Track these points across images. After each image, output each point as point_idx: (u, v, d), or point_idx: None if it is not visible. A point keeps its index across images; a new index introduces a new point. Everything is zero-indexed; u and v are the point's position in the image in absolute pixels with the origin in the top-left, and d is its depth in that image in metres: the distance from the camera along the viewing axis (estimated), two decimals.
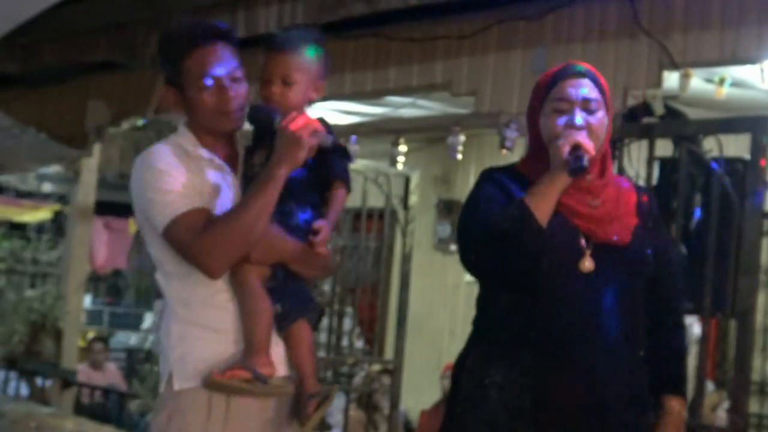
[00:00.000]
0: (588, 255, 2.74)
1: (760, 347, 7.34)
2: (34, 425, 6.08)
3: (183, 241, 2.73)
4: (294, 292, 2.90)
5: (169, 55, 2.88)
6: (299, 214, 2.86)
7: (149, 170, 2.80)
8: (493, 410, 2.76)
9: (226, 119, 2.86)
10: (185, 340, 2.81)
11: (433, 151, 9.83)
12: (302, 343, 2.91)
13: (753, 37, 4.43)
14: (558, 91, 2.80)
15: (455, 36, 5.51)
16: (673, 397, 2.91)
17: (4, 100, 8.66)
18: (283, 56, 2.90)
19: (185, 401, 2.78)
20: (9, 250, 12.94)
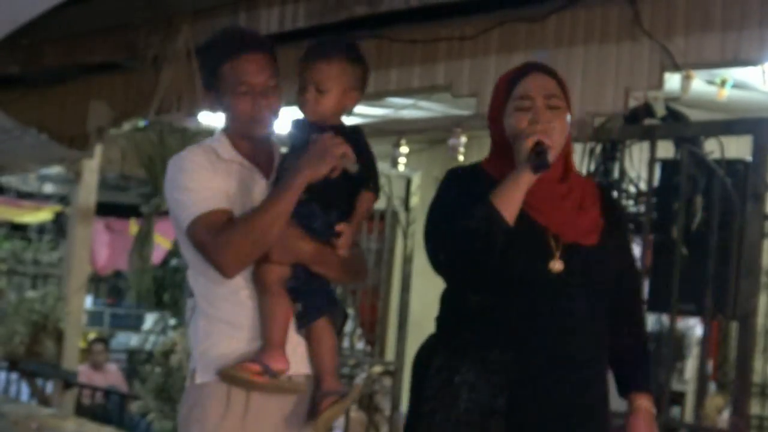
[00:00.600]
0: (557, 256, 2.76)
1: (762, 349, 7.34)
2: (34, 426, 6.08)
3: (201, 240, 2.85)
4: (315, 292, 2.97)
5: (208, 60, 3.03)
6: (322, 217, 2.93)
7: (178, 171, 2.92)
8: (464, 410, 2.76)
9: (257, 125, 2.97)
10: (209, 336, 2.93)
11: (434, 152, 9.82)
12: (322, 342, 2.98)
13: (755, 38, 4.43)
14: (520, 89, 2.82)
15: (457, 37, 5.51)
16: (640, 395, 2.94)
17: (6, 101, 8.65)
18: (316, 64, 2.99)
19: (205, 393, 2.89)
20: (10, 251, 12.95)
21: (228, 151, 2.97)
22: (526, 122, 2.78)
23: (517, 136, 2.77)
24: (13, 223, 13.76)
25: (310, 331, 2.97)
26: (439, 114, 7.43)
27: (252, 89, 2.94)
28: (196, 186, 2.87)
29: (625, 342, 2.95)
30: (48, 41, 7.52)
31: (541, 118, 2.77)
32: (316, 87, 2.98)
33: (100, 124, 7.79)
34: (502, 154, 2.87)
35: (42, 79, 8.25)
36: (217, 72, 2.96)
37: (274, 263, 2.88)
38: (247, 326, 2.91)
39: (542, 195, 2.78)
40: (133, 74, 7.17)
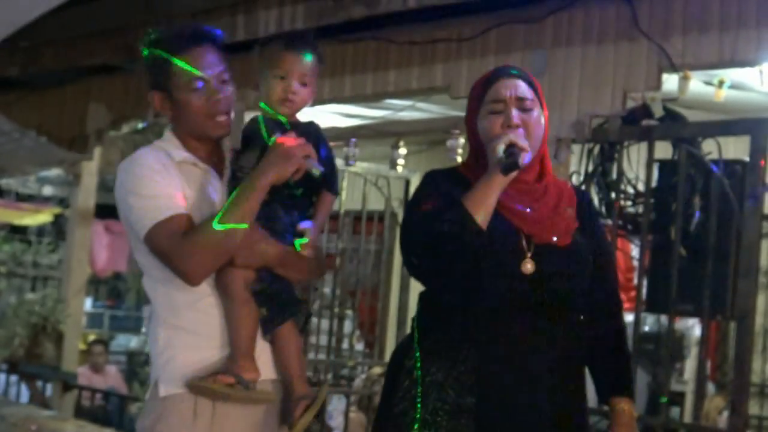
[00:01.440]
0: (529, 257, 2.75)
1: (760, 349, 7.35)
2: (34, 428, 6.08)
3: (163, 247, 2.72)
4: (280, 295, 2.90)
5: (158, 57, 2.86)
6: (286, 219, 2.88)
7: (131, 176, 2.78)
8: (432, 409, 2.76)
9: (214, 123, 2.86)
10: (171, 345, 2.80)
11: (432, 153, 9.84)
12: (290, 346, 2.92)
13: (752, 39, 4.44)
14: (492, 93, 2.83)
15: (455, 39, 5.52)
16: (621, 398, 2.92)
17: (5, 104, 8.66)
18: (304, 57, 2.94)
19: (170, 406, 2.77)
20: (10, 253, 12.95)
21: (180, 152, 2.84)
22: (499, 126, 2.79)
23: (491, 139, 2.78)
24: (13, 226, 13.76)
25: (275, 335, 2.90)
26: (437, 115, 7.44)
27: (207, 84, 2.82)
28: (151, 191, 2.73)
29: (603, 345, 2.94)
30: (47, 44, 7.53)
31: (513, 122, 2.78)
32: (300, 80, 2.92)
33: (99, 126, 7.80)
34: (478, 159, 2.88)
35: (41, 81, 8.26)
36: (167, 68, 2.82)
37: (239, 267, 2.79)
38: (212, 335, 2.80)
39: (516, 196, 2.79)
40: (131, 76, 7.18)
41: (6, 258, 12.98)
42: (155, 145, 2.89)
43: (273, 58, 2.94)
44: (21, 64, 7.87)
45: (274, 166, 2.74)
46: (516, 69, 2.90)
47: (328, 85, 6.14)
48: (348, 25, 5.74)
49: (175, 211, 2.72)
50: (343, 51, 6.03)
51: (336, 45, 6.06)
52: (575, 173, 5.02)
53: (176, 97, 2.84)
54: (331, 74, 6.10)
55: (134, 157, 2.84)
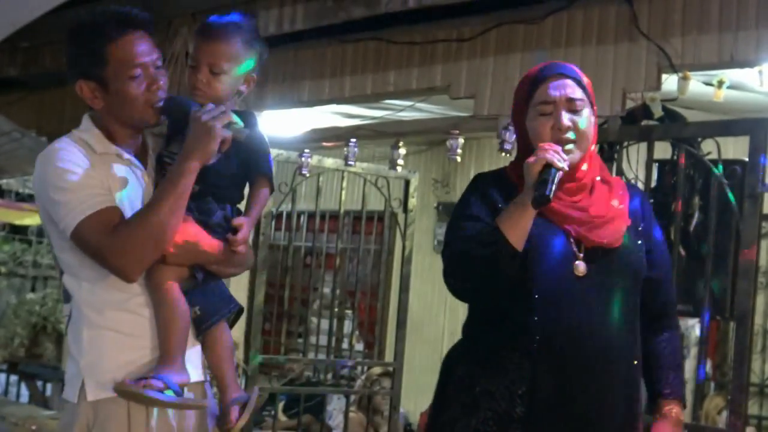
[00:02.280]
0: (580, 259, 2.71)
1: (759, 349, 7.36)
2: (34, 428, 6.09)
3: (93, 243, 2.58)
4: (213, 293, 2.80)
5: (89, 44, 2.69)
6: (219, 212, 2.75)
7: (52, 169, 2.63)
8: (483, 418, 2.73)
9: (152, 111, 2.72)
10: (97, 346, 2.67)
11: (432, 154, 9.85)
12: (222, 346, 2.83)
13: (751, 40, 4.44)
14: (541, 94, 2.78)
15: (455, 39, 5.52)
16: (671, 402, 2.90)
17: (5, 104, 8.66)
18: (212, 44, 2.79)
19: (103, 413, 2.65)
20: (10, 253, 12.95)
21: (102, 144, 2.70)
22: (549, 129, 2.74)
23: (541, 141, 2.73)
24: (13, 226, 13.76)
25: (207, 335, 2.79)
26: (437, 116, 7.43)
27: (145, 71, 2.68)
28: (76, 185, 2.58)
29: (658, 348, 2.91)
30: (47, 44, 7.53)
31: (563, 124, 2.73)
32: (210, 68, 2.76)
33: None
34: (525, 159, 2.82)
35: (41, 81, 8.26)
36: (101, 56, 2.65)
37: (171, 264, 2.67)
38: (142, 335, 2.67)
39: (563, 197, 2.76)
40: None
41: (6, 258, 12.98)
42: (73, 136, 2.73)
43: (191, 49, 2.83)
44: (21, 64, 7.87)
45: (197, 145, 2.60)
46: (564, 67, 2.85)
47: (328, 85, 6.15)
48: (348, 26, 5.74)
49: (103, 205, 2.60)
50: (343, 51, 6.03)
51: (336, 45, 6.06)
52: None
53: (112, 86, 2.68)
54: (331, 74, 6.11)
55: (53, 149, 2.68)
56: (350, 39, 5.98)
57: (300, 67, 6.31)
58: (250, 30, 2.87)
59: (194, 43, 2.82)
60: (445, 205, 9.61)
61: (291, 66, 6.38)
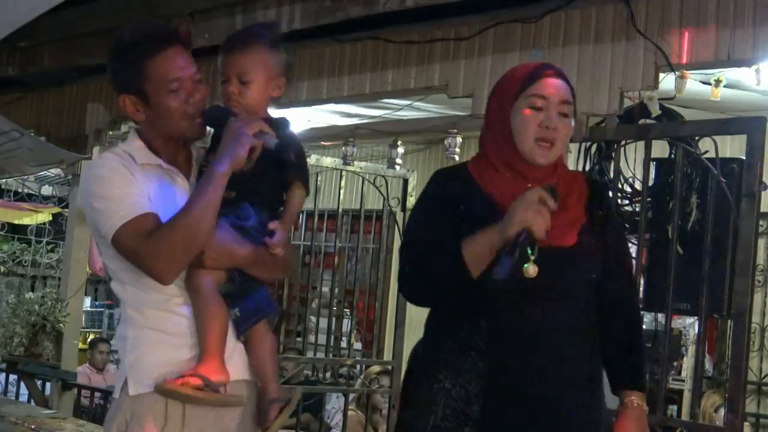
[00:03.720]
0: (532, 260, 2.68)
1: (757, 347, 7.37)
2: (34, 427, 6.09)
3: (130, 248, 2.68)
4: (252, 295, 2.86)
5: (130, 59, 2.80)
6: (254, 217, 2.82)
7: (94, 180, 2.76)
8: (441, 417, 2.76)
9: (190, 125, 2.82)
10: (140, 345, 2.78)
11: (431, 152, 9.87)
12: (263, 347, 2.90)
13: (748, 38, 4.45)
14: (538, 88, 2.78)
15: (452, 38, 5.53)
16: (632, 392, 2.91)
17: (4, 103, 8.67)
18: (237, 55, 2.88)
19: (141, 407, 2.75)
20: (9, 252, 12.96)
21: (144, 155, 2.81)
22: (536, 124, 2.76)
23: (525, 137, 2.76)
24: (12, 225, 13.77)
25: (248, 336, 2.87)
26: (435, 115, 7.45)
27: (183, 84, 2.78)
28: (115, 193, 2.70)
29: (616, 339, 2.91)
30: (46, 43, 7.53)
31: (552, 123, 2.75)
32: (238, 78, 2.86)
33: (98, 126, 7.81)
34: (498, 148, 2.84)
35: (40, 81, 8.26)
36: (141, 71, 2.77)
37: (208, 268, 2.76)
38: (182, 334, 2.77)
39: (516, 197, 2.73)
40: None
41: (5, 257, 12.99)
42: (118, 148, 2.85)
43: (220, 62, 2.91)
44: (20, 64, 7.88)
45: (226, 151, 2.68)
46: (561, 71, 2.87)
47: (327, 84, 6.16)
48: (346, 25, 5.75)
49: (140, 211, 2.69)
50: (341, 51, 6.04)
51: (334, 44, 6.07)
52: None
53: (152, 100, 2.80)
54: (329, 74, 6.12)
55: (96, 160, 2.86)
56: (348, 38, 5.99)
57: (298, 67, 6.32)
58: (271, 36, 2.95)
59: (221, 58, 2.91)
60: None
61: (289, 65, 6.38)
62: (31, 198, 13.98)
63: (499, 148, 2.84)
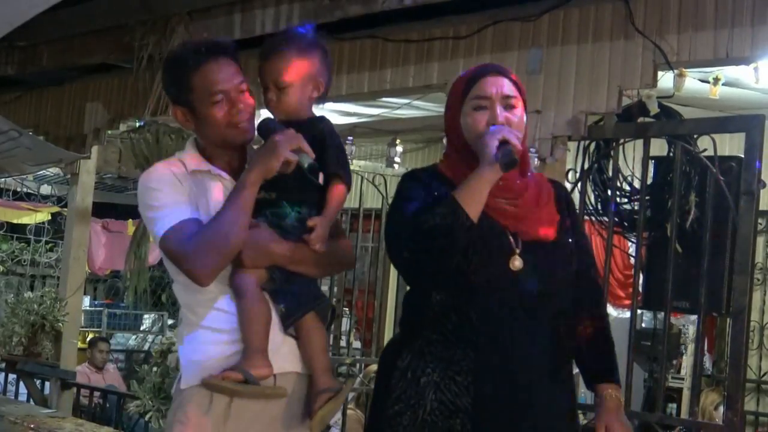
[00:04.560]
0: (517, 254, 2.78)
1: (756, 345, 7.38)
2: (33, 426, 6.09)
3: (171, 252, 2.84)
4: (296, 291, 2.93)
5: (176, 74, 2.96)
6: (293, 214, 2.90)
7: (144, 190, 2.92)
8: (430, 410, 2.78)
9: (237, 132, 2.93)
10: (190, 342, 2.94)
11: (429, 151, 9.86)
12: (311, 339, 2.96)
13: (747, 37, 4.46)
14: (477, 89, 2.85)
15: (451, 37, 5.53)
16: (607, 385, 2.97)
17: (3, 103, 8.67)
18: (271, 62, 2.96)
19: (187, 396, 2.89)
20: (8, 252, 12.97)
21: (196, 162, 2.95)
22: (484, 123, 2.81)
23: (477, 135, 2.80)
24: (11, 224, 13.77)
25: (298, 329, 2.94)
26: (434, 113, 7.44)
27: (226, 96, 2.90)
28: (162, 202, 2.86)
29: (587, 334, 2.98)
30: (44, 43, 7.53)
31: (498, 119, 2.80)
32: (275, 85, 2.96)
33: (96, 125, 7.81)
34: (458, 156, 2.91)
35: (39, 80, 8.27)
36: (187, 84, 2.92)
37: (248, 267, 2.86)
38: (226, 330, 2.88)
39: (499, 193, 2.81)
40: (129, 75, 7.18)
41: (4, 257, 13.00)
42: (173, 158, 3.01)
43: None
44: (18, 63, 7.88)
45: (260, 160, 2.82)
46: (499, 67, 2.94)
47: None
48: (344, 24, 5.75)
49: (183, 217, 2.83)
50: (339, 49, 6.04)
51: (332, 43, 6.07)
52: (571, 170, 5.03)
53: (198, 111, 2.93)
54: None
55: (149, 171, 2.97)
56: (347, 37, 5.99)
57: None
58: (303, 38, 3.03)
59: (259, 67, 3.00)
60: None
61: None
62: (30, 197, 13.99)
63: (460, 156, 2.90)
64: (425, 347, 2.84)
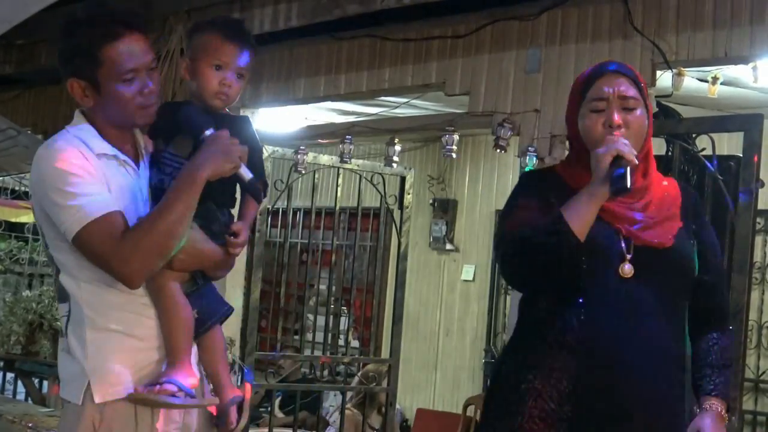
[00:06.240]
0: (627, 260, 2.68)
1: (755, 345, 7.37)
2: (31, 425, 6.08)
3: (98, 249, 2.53)
4: (209, 295, 2.80)
5: (84, 43, 2.63)
6: (222, 218, 2.76)
7: (52, 170, 2.56)
8: (529, 417, 2.71)
9: (143, 113, 2.67)
10: (103, 348, 2.63)
11: (428, 150, 9.86)
12: (216, 346, 2.84)
13: (745, 36, 4.46)
14: (594, 91, 2.77)
15: (450, 36, 5.53)
16: (714, 399, 2.84)
17: (1, 101, 8.67)
18: (239, 46, 2.79)
19: (110, 414, 2.61)
20: (6, 250, 12.94)
21: (99, 144, 2.63)
22: (600, 125, 2.73)
23: (594, 141, 2.72)
24: (9, 223, 13.75)
25: (203, 337, 2.79)
26: (432, 112, 7.45)
27: (137, 74, 2.61)
28: (79, 189, 2.52)
29: (704, 347, 2.88)
30: (43, 41, 7.54)
31: (614, 121, 2.71)
32: (237, 72, 2.78)
33: None
34: (577, 159, 2.83)
35: (37, 79, 8.26)
36: (96, 56, 2.59)
37: (176, 270, 2.66)
38: (147, 336, 2.65)
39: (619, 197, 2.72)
40: None
41: (2, 255, 12.97)
42: (69, 134, 2.65)
43: (211, 47, 2.78)
44: (16, 61, 7.88)
45: (213, 160, 2.57)
46: (619, 65, 2.83)
47: (324, 82, 6.16)
48: (343, 23, 5.75)
49: (106, 210, 2.53)
50: (338, 48, 6.04)
51: (331, 42, 6.07)
52: None
53: (104, 88, 2.63)
54: (326, 71, 6.12)
55: (54, 149, 2.60)
56: (345, 36, 5.99)
57: (295, 65, 6.32)
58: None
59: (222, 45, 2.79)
60: (440, 202, 9.63)
61: (286, 63, 6.39)
62: (28, 196, 13.97)
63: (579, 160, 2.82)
64: (528, 354, 2.78)
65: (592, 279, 2.69)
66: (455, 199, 9.58)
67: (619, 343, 2.68)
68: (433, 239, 9.64)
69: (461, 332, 9.41)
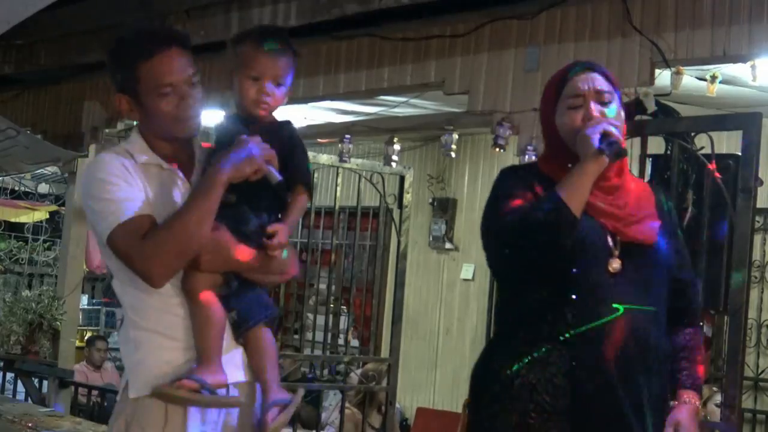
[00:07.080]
0: (616, 255, 2.74)
1: (754, 343, 7.38)
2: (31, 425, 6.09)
3: (123, 249, 2.67)
4: (249, 298, 2.84)
5: (124, 61, 2.79)
6: (254, 220, 2.79)
7: (92, 180, 2.74)
8: (525, 412, 2.74)
9: (183, 125, 2.80)
10: (140, 347, 2.78)
11: (427, 149, 9.87)
12: (261, 349, 2.87)
13: (744, 35, 4.46)
14: (570, 88, 2.83)
15: (448, 35, 5.53)
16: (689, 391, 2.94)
17: (0, 101, 8.67)
18: (278, 57, 2.86)
19: (141, 410, 2.74)
20: (6, 250, 12.95)
21: (144, 154, 2.80)
22: (579, 120, 2.78)
23: (575, 131, 2.77)
24: (9, 223, 13.76)
25: (248, 338, 2.85)
26: (431, 111, 7.45)
27: (175, 89, 2.74)
28: (112, 195, 2.68)
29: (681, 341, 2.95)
30: (42, 41, 7.53)
31: (593, 114, 2.77)
32: (275, 80, 2.85)
33: (94, 123, 7.81)
34: (555, 155, 2.88)
35: (36, 79, 8.26)
36: (134, 73, 2.75)
37: (204, 271, 2.73)
38: (180, 336, 2.76)
39: (599, 194, 2.78)
40: None
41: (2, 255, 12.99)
42: (120, 148, 2.85)
43: (247, 58, 2.86)
44: (16, 61, 7.88)
45: (234, 164, 2.68)
46: (589, 62, 2.91)
47: (323, 81, 6.16)
48: (341, 22, 5.75)
49: (136, 213, 2.67)
50: (336, 48, 6.04)
51: (330, 42, 6.07)
52: None
53: (144, 102, 2.78)
54: (325, 71, 6.12)
55: (96, 161, 2.83)
56: (344, 35, 5.99)
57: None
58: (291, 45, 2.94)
59: (256, 55, 2.86)
60: (440, 201, 9.64)
61: None
62: (28, 196, 13.99)
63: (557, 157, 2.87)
64: (519, 348, 2.79)
65: (583, 274, 2.73)
66: (455, 198, 9.59)
67: (610, 337, 2.72)
68: (433, 238, 9.65)
69: (461, 331, 9.42)
